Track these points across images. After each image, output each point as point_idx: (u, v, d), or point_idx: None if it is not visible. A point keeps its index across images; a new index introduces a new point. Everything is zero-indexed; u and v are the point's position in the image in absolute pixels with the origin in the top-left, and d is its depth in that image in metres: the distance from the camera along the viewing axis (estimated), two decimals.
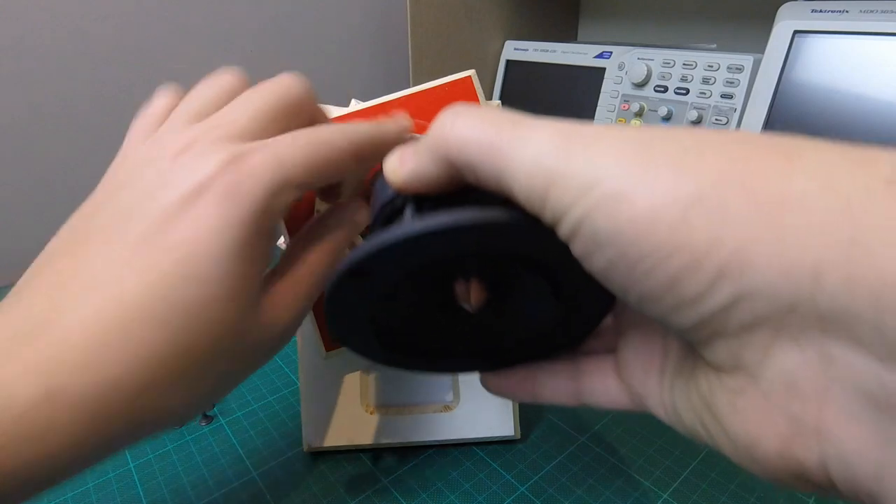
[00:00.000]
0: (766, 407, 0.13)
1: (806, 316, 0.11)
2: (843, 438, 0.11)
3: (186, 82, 0.20)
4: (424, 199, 0.17)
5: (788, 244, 0.11)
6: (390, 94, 0.25)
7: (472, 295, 0.19)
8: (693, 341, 0.14)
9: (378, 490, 0.29)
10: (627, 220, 0.12)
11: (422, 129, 0.23)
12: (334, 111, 0.25)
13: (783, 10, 0.52)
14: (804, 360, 0.12)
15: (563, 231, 0.14)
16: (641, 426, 0.33)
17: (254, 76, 0.20)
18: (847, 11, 0.48)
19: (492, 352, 0.20)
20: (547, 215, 0.14)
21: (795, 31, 0.51)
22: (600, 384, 0.19)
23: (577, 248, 0.14)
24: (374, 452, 0.32)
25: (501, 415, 0.31)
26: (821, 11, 0.50)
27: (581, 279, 0.15)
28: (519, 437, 0.31)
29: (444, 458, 0.31)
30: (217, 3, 0.61)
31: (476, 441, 0.31)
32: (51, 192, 0.56)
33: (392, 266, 0.16)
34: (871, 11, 0.47)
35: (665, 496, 0.29)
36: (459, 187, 0.16)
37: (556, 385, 0.20)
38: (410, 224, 0.15)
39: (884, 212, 0.11)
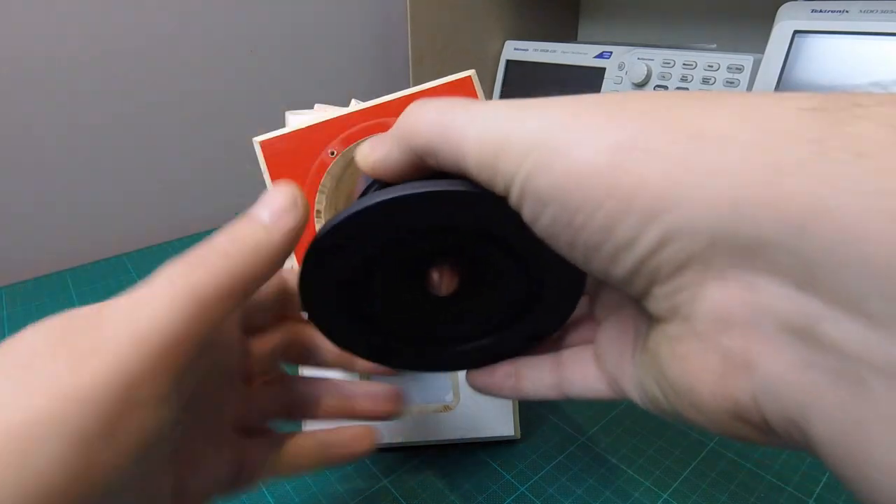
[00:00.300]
0: (699, 347, 0.13)
1: (729, 250, 0.12)
2: (770, 368, 0.12)
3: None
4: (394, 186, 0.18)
5: (708, 179, 0.11)
6: (390, 94, 0.25)
7: (443, 280, 0.19)
8: (637, 295, 0.14)
9: (378, 490, 0.29)
10: (563, 174, 0.13)
11: None
12: (334, 111, 0.25)
13: (783, 10, 0.52)
14: (730, 294, 0.12)
15: (513, 197, 0.14)
16: (641, 426, 0.33)
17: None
18: (847, 11, 0.48)
19: (475, 347, 0.21)
20: (499, 185, 0.14)
21: (795, 31, 0.51)
22: (580, 373, 0.19)
23: (526, 213, 0.14)
24: (374, 452, 0.32)
25: (501, 415, 0.31)
26: (821, 11, 0.50)
27: (543, 255, 0.16)
28: (519, 437, 0.31)
29: (444, 458, 0.31)
30: (217, 3, 0.61)
31: (476, 441, 0.31)
32: (50, 193, 0.56)
33: (353, 242, 0.17)
34: (871, 11, 0.47)
35: (665, 496, 0.29)
36: (428, 175, 0.17)
37: (540, 378, 0.20)
38: (365, 199, 0.16)
39: (794, 136, 0.11)
